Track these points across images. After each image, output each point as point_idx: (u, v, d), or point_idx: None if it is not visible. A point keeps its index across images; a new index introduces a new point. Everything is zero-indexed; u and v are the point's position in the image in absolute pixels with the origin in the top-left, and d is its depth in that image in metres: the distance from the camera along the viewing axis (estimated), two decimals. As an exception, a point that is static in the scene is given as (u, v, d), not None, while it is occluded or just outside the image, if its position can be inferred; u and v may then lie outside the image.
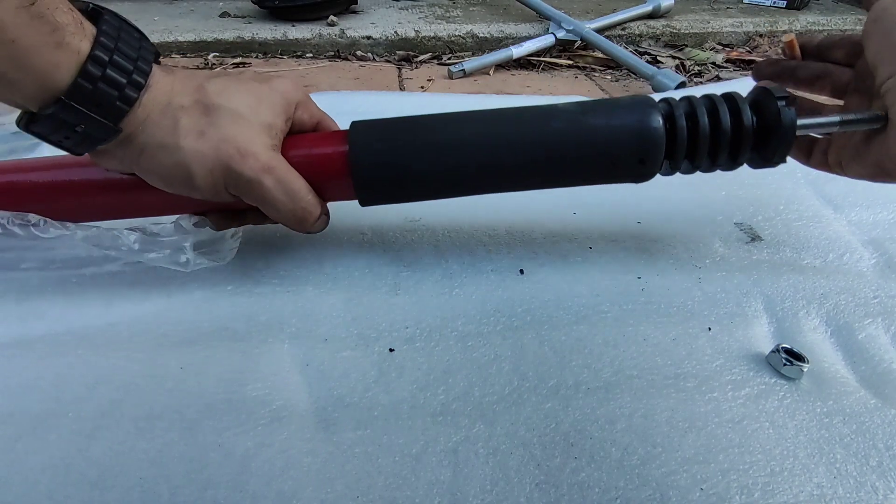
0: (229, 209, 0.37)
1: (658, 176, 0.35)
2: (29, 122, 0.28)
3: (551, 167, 0.34)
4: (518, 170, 0.34)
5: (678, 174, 0.37)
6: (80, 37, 0.27)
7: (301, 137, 0.35)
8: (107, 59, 0.27)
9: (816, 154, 0.38)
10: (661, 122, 0.33)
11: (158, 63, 0.31)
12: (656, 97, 0.35)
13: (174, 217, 0.37)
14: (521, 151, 0.34)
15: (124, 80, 0.28)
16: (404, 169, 0.34)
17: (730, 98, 0.34)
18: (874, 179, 0.35)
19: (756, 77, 0.41)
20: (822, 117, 0.33)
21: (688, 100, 0.34)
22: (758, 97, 0.34)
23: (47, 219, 0.35)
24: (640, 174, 0.35)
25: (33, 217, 0.35)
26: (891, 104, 0.30)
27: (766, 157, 0.34)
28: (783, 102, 0.32)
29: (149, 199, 0.35)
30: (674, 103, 0.34)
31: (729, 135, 0.33)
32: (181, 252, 0.35)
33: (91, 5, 0.29)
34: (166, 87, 0.31)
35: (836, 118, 0.32)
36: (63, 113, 0.27)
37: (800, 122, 0.32)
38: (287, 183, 0.32)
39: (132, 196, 0.35)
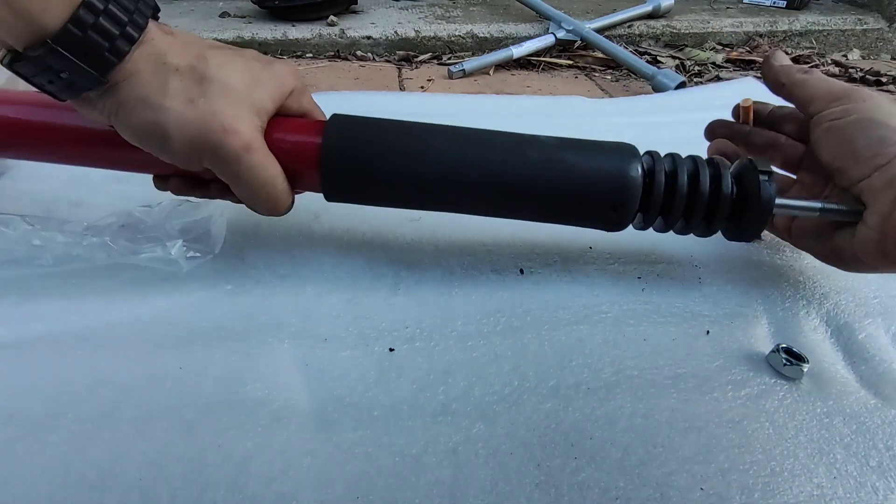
0: (194, 177, 0.36)
1: None
2: (12, 61, 0.27)
3: (520, 196, 0.34)
4: (485, 192, 0.34)
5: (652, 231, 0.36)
6: None
7: (280, 121, 0.34)
8: (101, 7, 0.26)
9: None
10: (640, 171, 0.33)
11: (156, 19, 0.30)
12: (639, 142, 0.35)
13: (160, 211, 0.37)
14: (491, 174, 0.33)
15: (117, 32, 0.27)
16: (371, 169, 0.34)
17: (713, 163, 0.34)
18: (823, 260, 0.35)
19: (709, 136, 0.42)
20: (803, 201, 0.33)
21: (671, 157, 0.34)
22: (741, 168, 0.33)
23: (30, 223, 0.35)
24: (611, 221, 0.34)
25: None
26: (870, 204, 0.31)
27: (741, 228, 0.33)
28: (765, 177, 0.32)
29: (119, 154, 0.34)
30: (656, 157, 0.34)
31: (706, 198, 0.33)
32: (169, 248, 0.36)
33: None
34: (162, 46, 0.30)
35: (817, 205, 0.33)
36: (48, 57, 0.26)
37: (780, 201, 0.32)
38: (264, 167, 0.32)
39: (103, 148, 0.35)
